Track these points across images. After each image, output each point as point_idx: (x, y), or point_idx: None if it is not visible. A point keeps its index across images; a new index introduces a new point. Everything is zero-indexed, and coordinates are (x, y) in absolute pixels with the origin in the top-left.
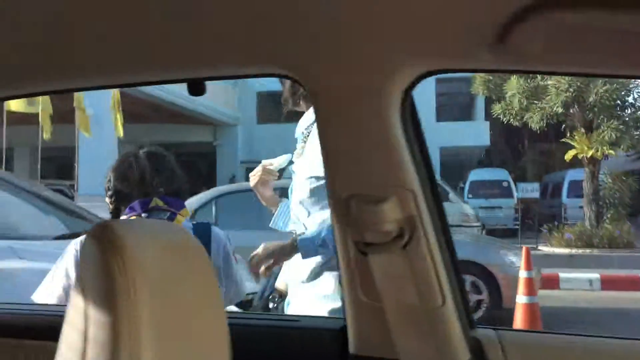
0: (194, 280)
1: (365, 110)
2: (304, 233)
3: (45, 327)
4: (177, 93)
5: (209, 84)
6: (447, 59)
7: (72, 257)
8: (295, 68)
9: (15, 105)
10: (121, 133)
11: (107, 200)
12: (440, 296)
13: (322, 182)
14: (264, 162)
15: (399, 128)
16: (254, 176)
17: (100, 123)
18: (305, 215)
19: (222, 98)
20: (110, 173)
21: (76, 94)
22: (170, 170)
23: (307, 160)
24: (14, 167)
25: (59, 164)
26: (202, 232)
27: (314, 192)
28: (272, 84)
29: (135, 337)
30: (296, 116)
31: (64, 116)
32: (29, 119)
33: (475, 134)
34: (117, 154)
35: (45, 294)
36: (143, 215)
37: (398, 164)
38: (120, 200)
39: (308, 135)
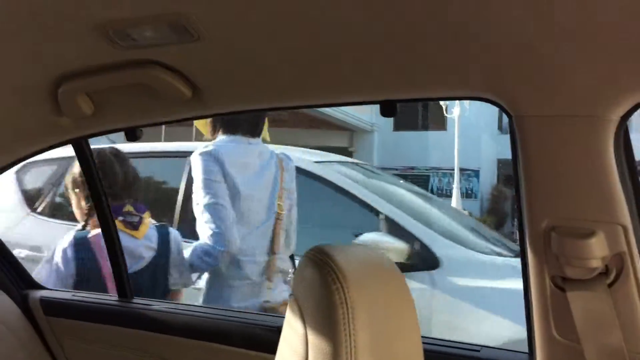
0: (398, 304)
1: (575, 138)
2: None
3: (232, 332)
4: None
5: None
6: None
7: (61, 255)
8: (501, 93)
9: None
10: (267, 136)
11: (83, 202)
12: None
13: None
14: None
15: (611, 158)
16: None
17: None
18: None
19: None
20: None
21: None
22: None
23: None
24: None
25: None
26: (163, 233)
27: None
28: None
29: None
30: (433, 125)
31: None
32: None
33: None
34: None
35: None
36: (120, 218)
37: (609, 196)
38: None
39: None
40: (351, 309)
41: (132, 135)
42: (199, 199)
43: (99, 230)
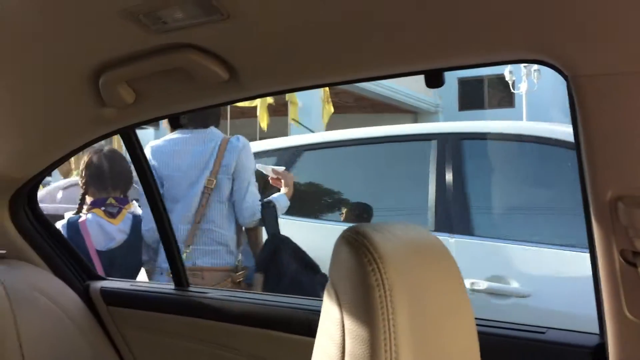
0: (445, 285)
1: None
2: None
3: (291, 319)
4: (379, 82)
5: None
6: None
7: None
8: (553, 52)
9: None
10: (325, 121)
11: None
12: None
13: None
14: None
15: None
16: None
17: (309, 114)
18: None
19: (422, 85)
20: (85, 165)
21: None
22: (128, 172)
23: None
24: None
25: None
26: (137, 221)
27: None
28: (474, 69)
29: (394, 351)
30: (499, 103)
31: (276, 109)
32: (249, 112)
33: None
34: None
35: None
36: (102, 208)
37: None
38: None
39: None
40: (389, 291)
41: (176, 122)
42: None
43: (88, 216)
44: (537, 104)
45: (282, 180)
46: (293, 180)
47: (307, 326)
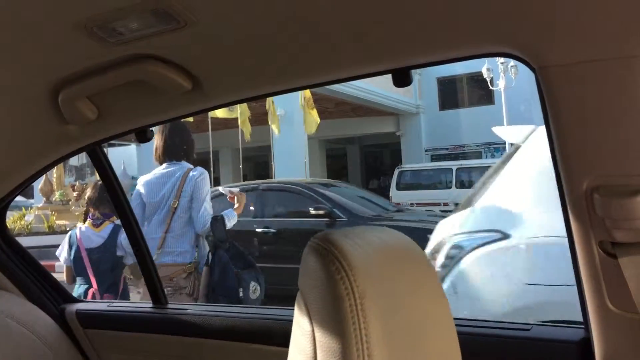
0: (421, 289)
1: (608, 84)
2: None
3: (270, 331)
4: (358, 87)
5: (387, 75)
6: None
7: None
8: (519, 44)
9: (219, 111)
10: (312, 130)
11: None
12: None
13: None
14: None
15: None
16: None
17: (291, 121)
18: None
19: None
20: (91, 194)
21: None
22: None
23: None
24: (220, 166)
25: (257, 162)
26: (115, 230)
27: None
28: (452, 68)
29: None
30: (479, 100)
31: (258, 119)
32: (230, 123)
33: None
34: (306, 148)
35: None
36: (89, 220)
37: None
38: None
39: None
40: (360, 300)
41: (143, 137)
42: None
43: (83, 229)
44: (516, 99)
45: (235, 198)
46: (244, 199)
47: (288, 337)
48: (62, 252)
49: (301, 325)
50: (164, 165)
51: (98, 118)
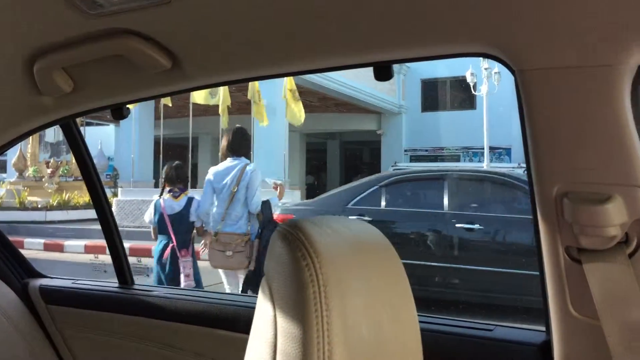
0: (386, 280)
1: (585, 92)
2: None
3: (236, 318)
4: (343, 82)
5: (371, 73)
6: None
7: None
8: (501, 46)
9: (199, 97)
10: (296, 121)
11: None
12: None
13: None
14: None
15: (628, 112)
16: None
17: (273, 112)
18: None
19: (386, 86)
20: (165, 172)
21: (253, 88)
22: (186, 174)
23: None
24: (199, 153)
25: None
26: (189, 200)
27: None
28: (436, 71)
29: (327, 349)
30: (461, 104)
31: (240, 107)
32: (211, 110)
33: None
34: (287, 140)
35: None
36: (170, 193)
37: (626, 156)
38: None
39: None
40: (323, 287)
41: (119, 114)
42: None
43: (166, 198)
44: (498, 105)
45: (278, 188)
46: (284, 189)
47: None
48: (149, 216)
49: (264, 311)
50: (229, 159)
51: (73, 91)
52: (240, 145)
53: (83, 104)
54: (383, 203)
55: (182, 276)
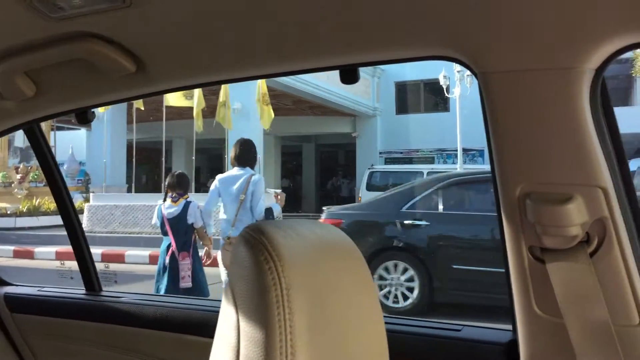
0: (351, 284)
1: (546, 94)
2: None
3: (204, 323)
4: (317, 85)
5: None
6: None
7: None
8: (463, 49)
9: (173, 100)
10: (266, 125)
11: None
12: (636, 313)
13: None
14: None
15: (588, 115)
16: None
17: (247, 116)
18: None
19: (361, 89)
20: (168, 179)
21: (224, 91)
22: (187, 181)
23: None
24: (172, 157)
25: (211, 154)
26: (186, 204)
27: None
28: (410, 74)
29: (290, 353)
30: (435, 107)
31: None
32: (185, 113)
33: (634, 120)
34: (262, 144)
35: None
36: (170, 198)
37: (586, 157)
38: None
39: None
40: (286, 291)
41: (83, 118)
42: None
43: (166, 204)
44: (470, 107)
45: (279, 197)
46: (284, 197)
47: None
48: (154, 219)
49: (227, 315)
50: (235, 169)
51: (36, 95)
52: (247, 156)
53: (46, 108)
54: (441, 207)
55: (180, 274)
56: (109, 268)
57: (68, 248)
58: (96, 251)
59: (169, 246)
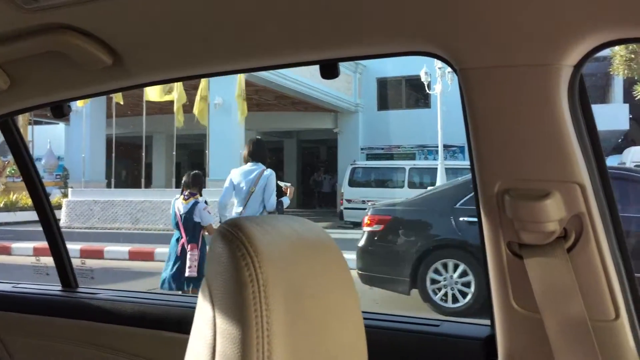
0: (329, 280)
1: (525, 91)
2: None
3: (182, 319)
4: (299, 81)
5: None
6: (631, 27)
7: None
8: (442, 45)
9: (153, 94)
10: (241, 120)
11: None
12: (612, 308)
13: None
14: None
15: (566, 111)
16: None
17: (228, 111)
18: None
19: (343, 84)
20: (185, 178)
21: (203, 85)
22: (200, 180)
23: None
24: (152, 152)
25: (192, 150)
26: (194, 202)
27: None
28: (392, 70)
29: (267, 349)
30: (416, 103)
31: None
32: (166, 108)
33: (612, 117)
34: (243, 139)
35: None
36: (183, 196)
37: (564, 153)
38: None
39: None
40: (263, 287)
41: (59, 112)
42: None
43: (180, 201)
44: (451, 103)
45: (288, 190)
46: (293, 190)
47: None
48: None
49: (203, 311)
50: (249, 164)
51: (10, 88)
52: (259, 153)
53: (21, 102)
54: None
55: (187, 263)
56: (85, 264)
57: (46, 244)
58: (75, 247)
59: (178, 238)
